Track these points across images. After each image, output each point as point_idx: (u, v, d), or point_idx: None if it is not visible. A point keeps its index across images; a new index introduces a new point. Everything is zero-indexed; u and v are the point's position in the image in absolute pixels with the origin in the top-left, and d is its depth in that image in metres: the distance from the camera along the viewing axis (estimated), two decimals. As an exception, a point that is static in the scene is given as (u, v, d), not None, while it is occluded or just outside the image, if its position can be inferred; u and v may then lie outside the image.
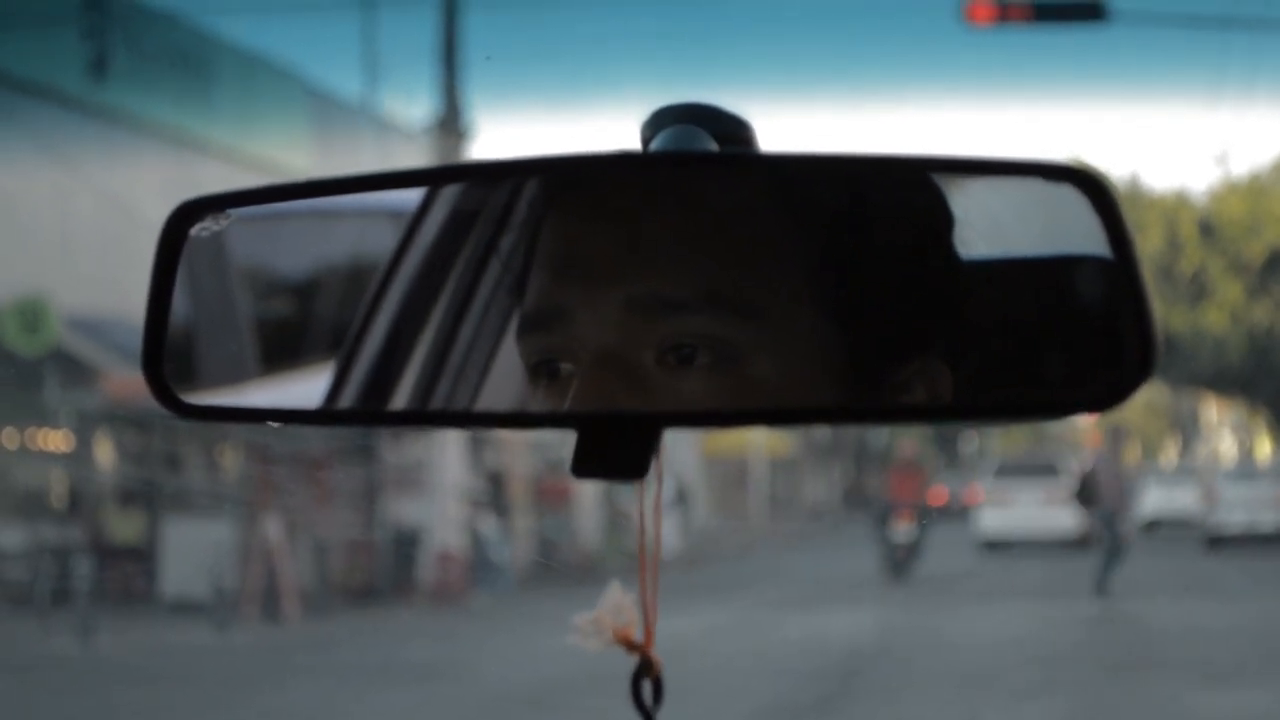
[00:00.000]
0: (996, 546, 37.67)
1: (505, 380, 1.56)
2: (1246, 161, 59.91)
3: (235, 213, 1.59)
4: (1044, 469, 40.79)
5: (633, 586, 1.57)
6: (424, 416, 1.70)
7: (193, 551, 22.04)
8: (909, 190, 1.48)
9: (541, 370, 1.49)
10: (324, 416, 1.65)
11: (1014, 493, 38.30)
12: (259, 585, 22.10)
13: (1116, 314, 1.40)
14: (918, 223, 1.48)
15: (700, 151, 1.50)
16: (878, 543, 29.49)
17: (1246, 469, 45.32)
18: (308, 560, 23.68)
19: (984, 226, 1.48)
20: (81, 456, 25.16)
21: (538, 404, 1.50)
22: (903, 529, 28.54)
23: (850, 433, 75.87)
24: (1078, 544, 36.10)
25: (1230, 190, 53.16)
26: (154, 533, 23.88)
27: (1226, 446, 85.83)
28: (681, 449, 46.81)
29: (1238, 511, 35.87)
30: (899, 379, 1.46)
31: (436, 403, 1.60)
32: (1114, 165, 54.66)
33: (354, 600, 24.12)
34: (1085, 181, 1.40)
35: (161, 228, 1.54)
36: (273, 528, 22.23)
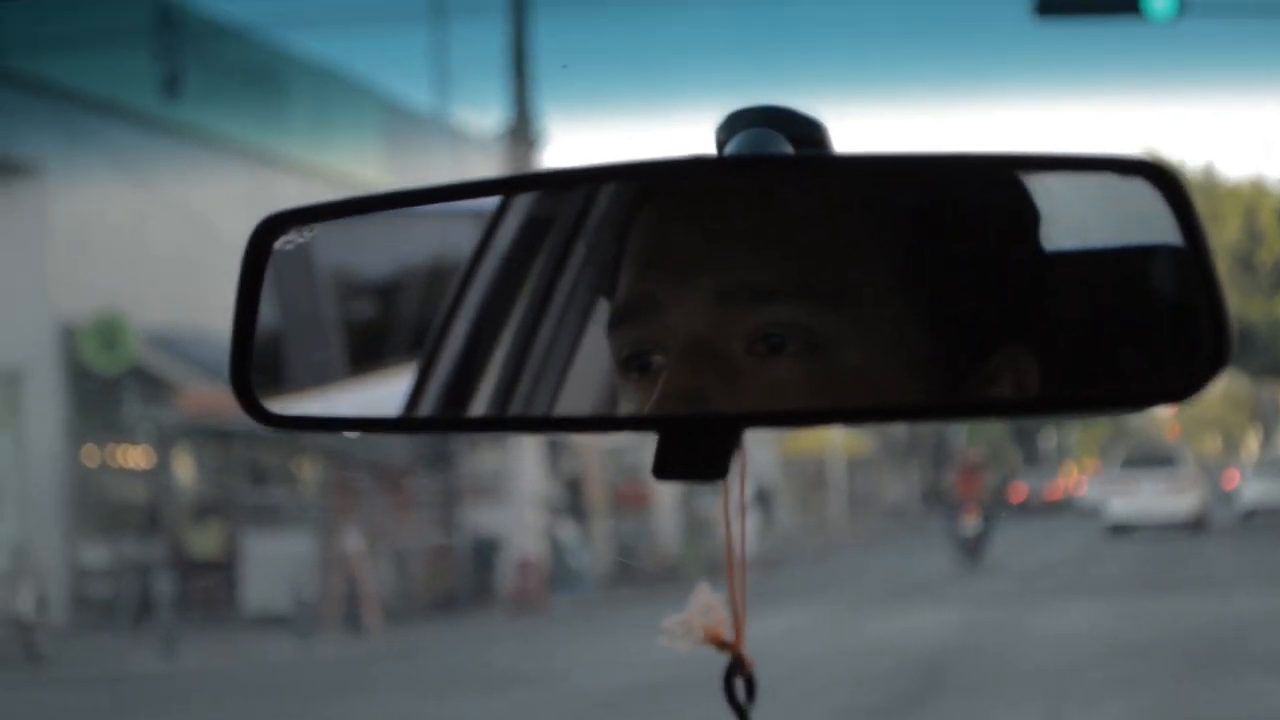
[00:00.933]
0: (1121, 530, 41.77)
1: (585, 384, 1.58)
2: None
3: (318, 226, 1.62)
4: (1164, 460, 44.45)
5: (720, 587, 1.59)
6: (504, 422, 1.71)
7: (273, 564, 22.17)
8: (994, 187, 1.51)
9: (632, 364, 1.51)
10: (405, 424, 1.67)
11: (1137, 482, 42.25)
12: (339, 596, 22.19)
13: (1192, 305, 1.42)
14: (1004, 218, 1.51)
15: (779, 154, 1.51)
16: (948, 536, 33.40)
17: None
18: (388, 570, 23.79)
19: (1063, 220, 1.50)
20: (162, 472, 25.33)
21: (628, 398, 1.52)
22: (970, 523, 31.90)
23: (928, 432, 75.37)
24: (1194, 526, 40.83)
25: (1312, 179, 52.62)
26: (234, 546, 24.02)
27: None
28: (760, 449, 46.70)
29: None
30: (986, 371, 1.48)
31: (516, 407, 1.61)
32: (1189, 155, 53.94)
33: (435, 609, 24.20)
34: (1157, 175, 1.42)
35: (247, 241, 1.57)
36: (352, 538, 22.32)
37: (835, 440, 53.72)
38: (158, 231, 26.81)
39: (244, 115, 28.94)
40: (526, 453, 25.41)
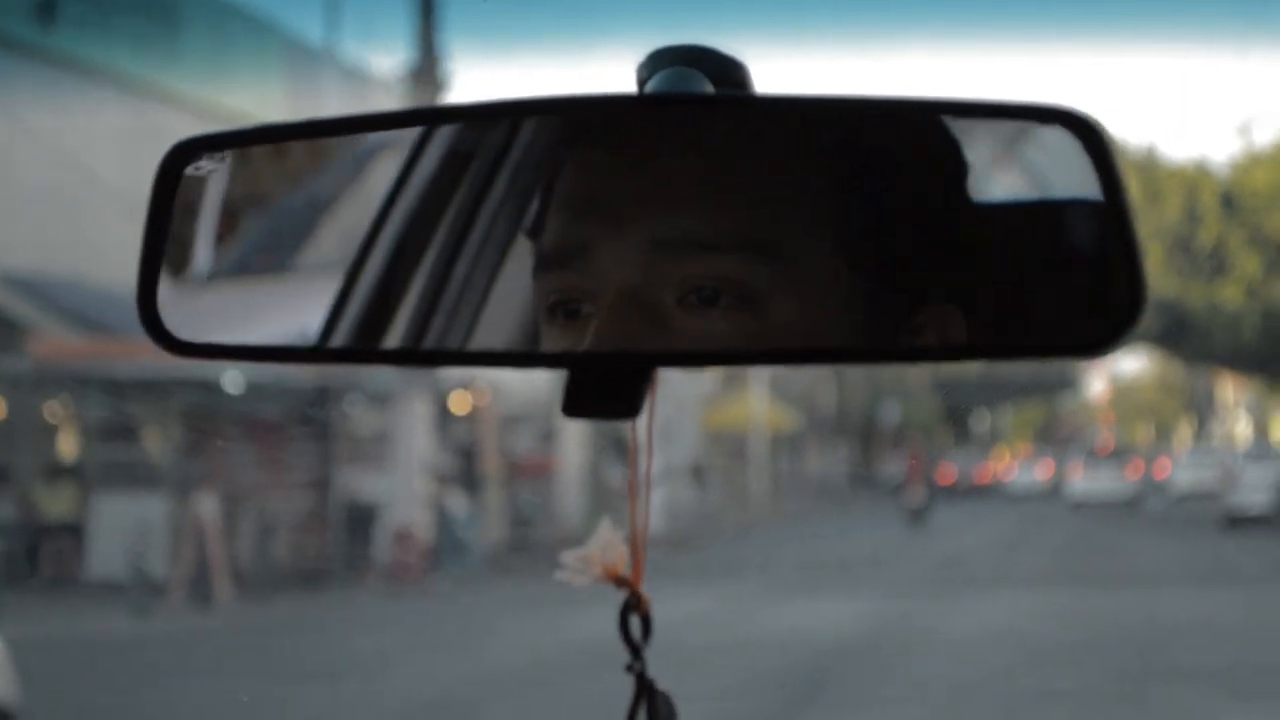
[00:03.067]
0: (1081, 506, 54.41)
1: (502, 320, 1.57)
2: (1270, 132, 57.68)
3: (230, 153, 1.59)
4: (1114, 456, 62.10)
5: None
6: (418, 355, 1.70)
7: (122, 527, 20.34)
8: (924, 136, 1.50)
9: (559, 310, 1.48)
10: (317, 354, 1.63)
11: (1093, 471, 58.55)
12: (189, 565, 20.39)
13: (1109, 259, 1.43)
14: (933, 169, 1.50)
15: (704, 93, 1.49)
16: (897, 508, 43.29)
17: (1263, 449, 48.84)
18: (251, 538, 21.98)
19: (985, 170, 1.51)
20: (12, 424, 23.48)
21: (551, 343, 1.49)
22: (917, 497, 41.94)
23: (857, 411, 74.18)
24: (1132, 503, 54.88)
25: (1254, 161, 51.23)
26: (85, 508, 22.18)
27: (1242, 427, 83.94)
28: (684, 423, 45.13)
29: (1258, 492, 37.95)
30: (914, 322, 1.48)
31: (431, 341, 1.59)
32: (1131, 135, 52.45)
33: (300, 582, 22.41)
34: (1076, 123, 1.43)
35: (158, 166, 1.53)
36: (206, 504, 20.51)
37: (759, 416, 52.12)
38: (28, 167, 24.93)
39: (129, 46, 27.15)
40: (415, 417, 23.64)
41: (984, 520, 47.02)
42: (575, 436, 32.88)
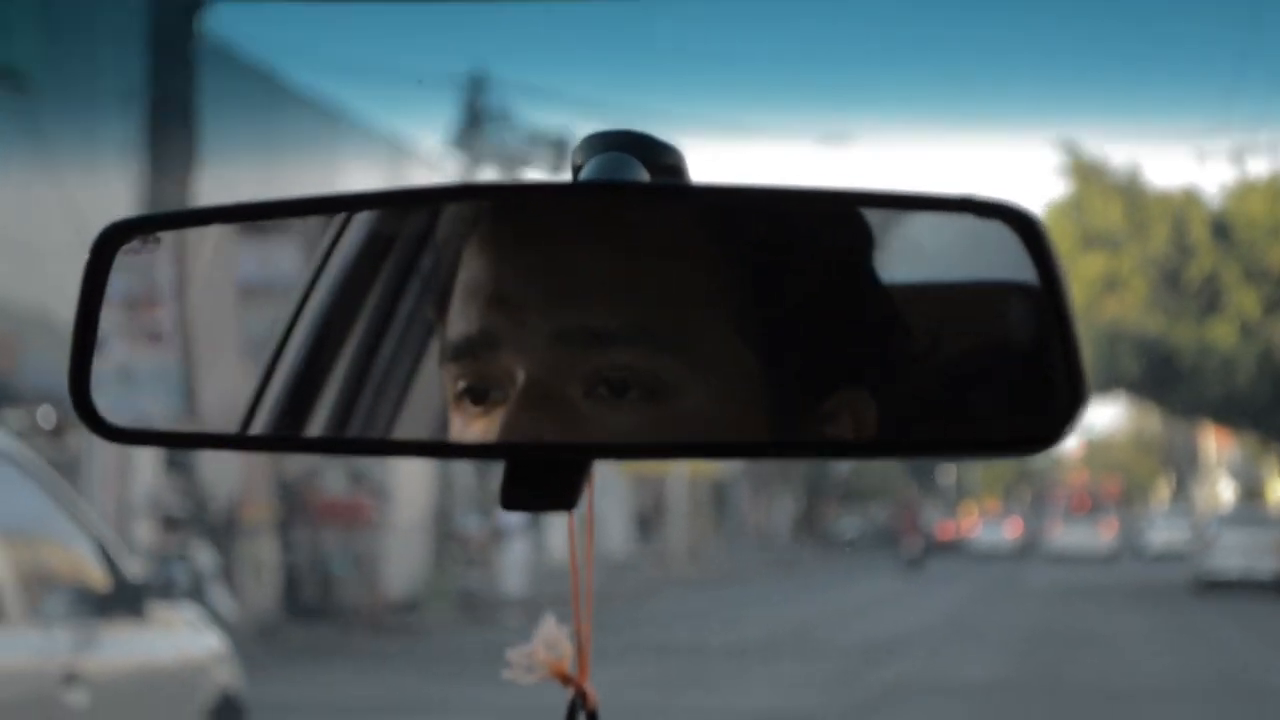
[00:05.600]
0: (1062, 560, 59.54)
1: (425, 408, 1.55)
2: (1266, 161, 51.50)
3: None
4: (1093, 514, 69.83)
5: (565, 619, 1.54)
6: (342, 444, 1.68)
7: None
8: (835, 222, 1.47)
9: (466, 396, 1.47)
10: (243, 442, 1.62)
11: (1075, 528, 65.08)
12: None
13: (1047, 353, 1.39)
14: (839, 251, 1.47)
15: (632, 182, 1.48)
16: (894, 557, 51.22)
17: (1246, 513, 46.60)
18: None
19: (915, 256, 1.47)
20: None
21: (460, 430, 1.48)
22: (914, 548, 48.39)
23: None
24: (1110, 559, 60.07)
25: (1249, 189, 44.90)
26: None
27: (1222, 488, 77.78)
28: (605, 468, 38.59)
29: (1233, 557, 37.21)
30: (824, 410, 1.45)
31: (354, 429, 1.58)
32: (1113, 155, 46.17)
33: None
34: (1015, 218, 1.40)
35: (90, 248, 1.52)
36: None
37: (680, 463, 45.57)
38: None
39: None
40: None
41: (939, 586, 40.58)
42: (415, 477, 26.22)
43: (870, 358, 1.44)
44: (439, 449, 1.58)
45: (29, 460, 7.47)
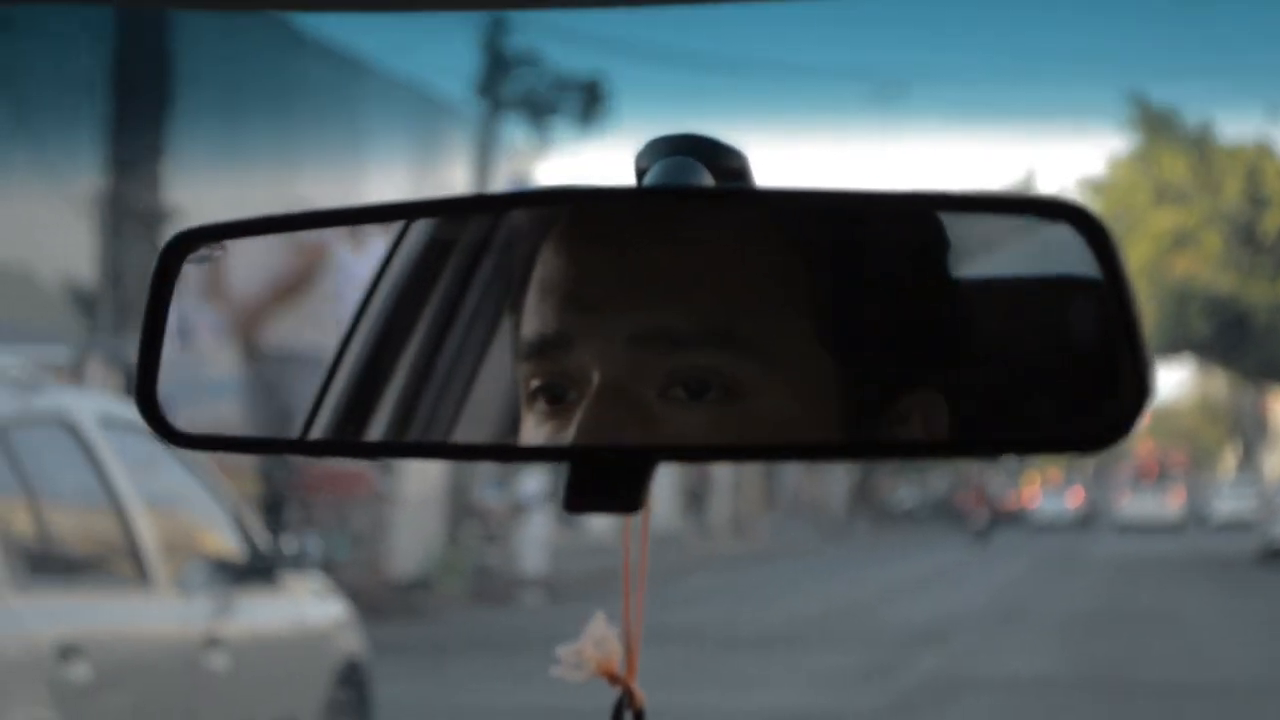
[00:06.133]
0: (1129, 529, 60.26)
1: (486, 411, 1.57)
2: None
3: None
4: (1160, 483, 70.26)
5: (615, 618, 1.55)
6: (404, 448, 1.68)
7: None
8: (907, 223, 1.49)
9: (541, 395, 1.47)
10: (304, 446, 1.64)
11: (1143, 497, 65.94)
12: None
13: (1113, 352, 1.40)
14: (913, 252, 1.48)
15: (694, 187, 1.49)
16: (955, 529, 54.27)
17: None
18: None
19: (982, 253, 1.49)
20: None
21: (531, 430, 1.49)
22: (981, 521, 50.24)
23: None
24: (1178, 528, 60.33)
25: (1327, 139, 42.45)
26: None
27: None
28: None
29: None
30: (896, 411, 1.46)
31: (415, 432, 1.59)
32: (1186, 111, 43.64)
33: None
34: (1080, 218, 1.41)
35: (157, 257, 1.54)
36: None
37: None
38: None
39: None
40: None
41: (1003, 560, 38.46)
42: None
43: (941, 358, 1.46)
44: (501, 452, 1.68)
45: None
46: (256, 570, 7.69)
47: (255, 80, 24.89)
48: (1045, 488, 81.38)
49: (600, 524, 44.14)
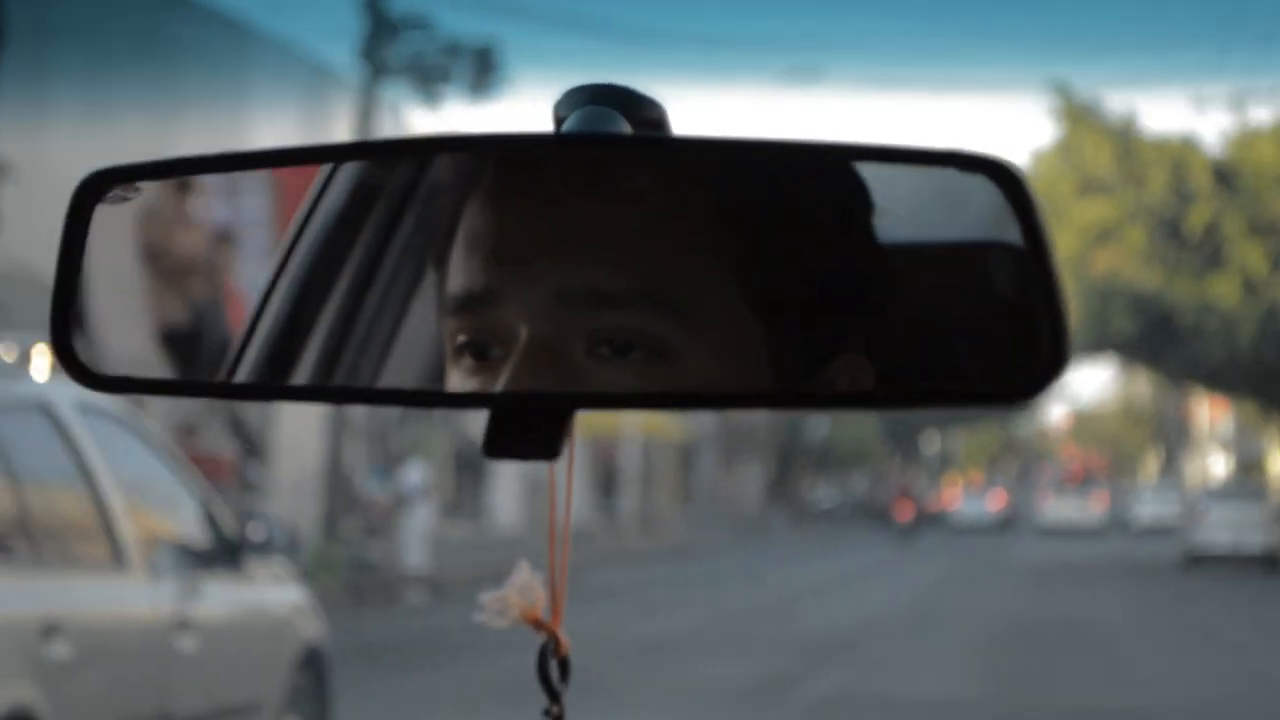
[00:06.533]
0: (1051, 533, 59.67)
1: (411, 358, 1.57)
2: (1270, 108, 47.87)
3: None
4: (1084, 487, 68.69)
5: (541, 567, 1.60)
6: (328, 392, 1.69)
7: None
8: (830, 180, 1.49)
9: (466, 350, 1.48)
10: (226, 390, 1.64)
11: (1067, 500, 65.25)
12: None
13: (1031, 306, 1.41)
14: (839, 214, 1.49)
15: (617, 134, 1.48)
16: (875, 529, 54.32)
17: (1236, 486, 46.80)
18: None
19: (902, 215, 1.49)
20: None
21: (457, 384, 1.49)
22: (907, 520, 51.07)
23: (778, 424, 64.28)
24: (1100, 533, 59.62)
25: (1255, 135, 41.26)
26: None
27: (1215, 460, 74.73)
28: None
29: (1223, 531, 36.53)
30: (823, 376, 1.46)
31: (340, 377, 1.59)
32: (1112, 102, 42.59)
33: None
34: (999, 172, 1.41)
35: (71, 197, 1.52)
36: None
37: (633, 420, 42.05)
38: None
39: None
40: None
41: (910, 565, 37.25)
42: (303, 429, 22.67)
43: (867, 323, 1.46)
44: (424, 398, 1.60)
45: (137, 422, 7.86)
46: (222, 555, 7.83)
47: (129, 39, 23.58)
48: (967, 489, 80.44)
49: (505, 516, 42.76)
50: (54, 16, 21.69)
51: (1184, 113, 55.47)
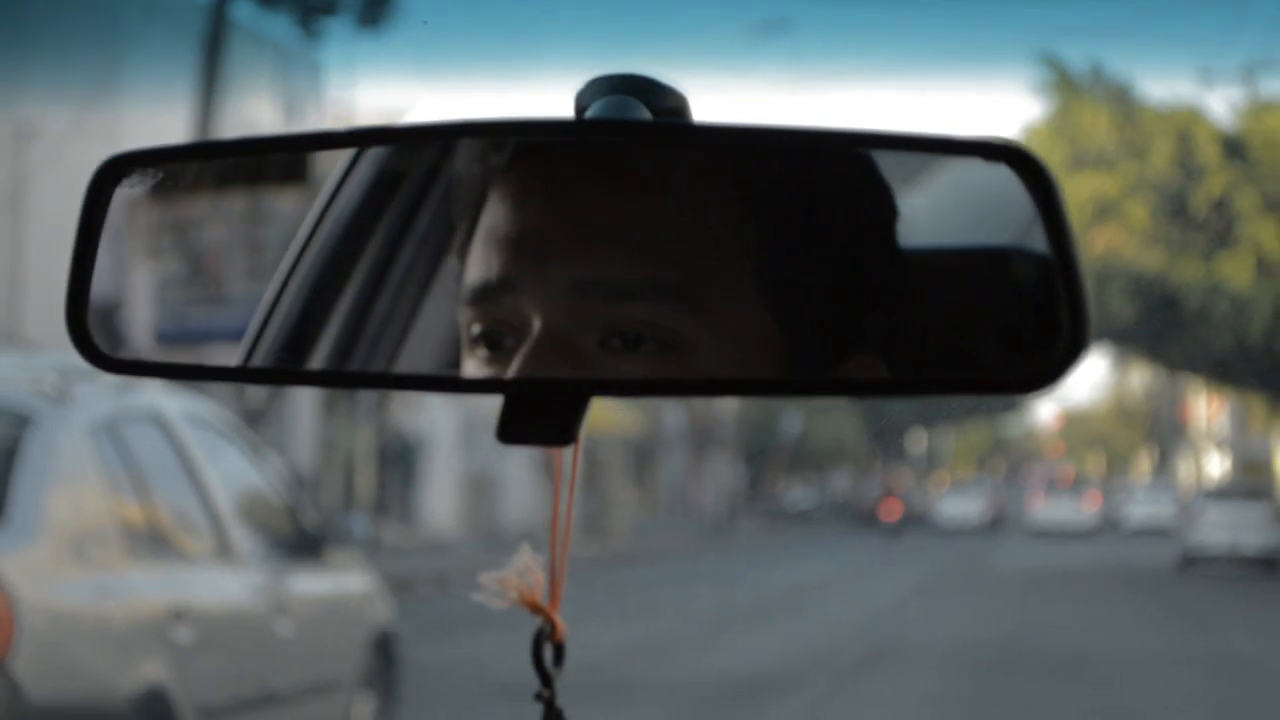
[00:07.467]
0: (1041, 534, 58.36)
1: (428, 343, 1.59)
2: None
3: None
4: (1076, 487, 67.33)
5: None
6: (345, 377, 1.72)
7: None
8: (850, 172, 1.49)
9: (481, 340, 1.50)
10: (243, 374, 1.66)
11: (1058, 500, 63.44)
12: None
13: (1050, 295, 1.41)
14: (859, 209, 1.49)
15: (639, 120, 1.49)
16: (857, 533, 53.66)
17: (1233, 486, 45.91)
18: None
19: (924, 207, 1.49)
20: None
21: (473, 371, 1.51)
22: (894, 520, 52.53)
23: (751, 422, 60.83)
24: (1092, 534, 58.81)
25: (1266, 106, 37.52)
26: None
27: (1210, 460, 71.48)
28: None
29: (1219, 532, 35.64)
30: (841, 371, 1.47)
31: (356, 362, 1.61)
32: (1107, 67, 38.85)
33: None
34: (1021, 161, 1.42)
35: (89, 182, 1.53)
36: None
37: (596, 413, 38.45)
38: None
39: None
40: None
41: (886, 574, 33.58)
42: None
43: (884, 319, 1.46)
44: (439, 383, 1.61)
45: (228, 425, 8.43)
46: (307, 547, 8.40)
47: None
48: (954, 488, 77.00)
49: (440, 519, 39.07)
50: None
51: (1190, 81, 51.77)
